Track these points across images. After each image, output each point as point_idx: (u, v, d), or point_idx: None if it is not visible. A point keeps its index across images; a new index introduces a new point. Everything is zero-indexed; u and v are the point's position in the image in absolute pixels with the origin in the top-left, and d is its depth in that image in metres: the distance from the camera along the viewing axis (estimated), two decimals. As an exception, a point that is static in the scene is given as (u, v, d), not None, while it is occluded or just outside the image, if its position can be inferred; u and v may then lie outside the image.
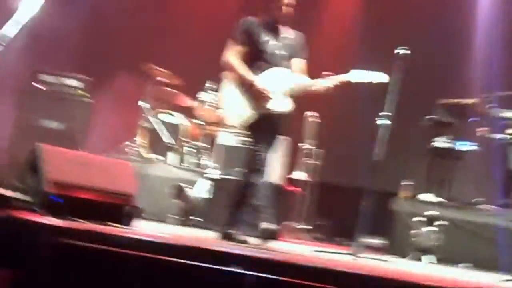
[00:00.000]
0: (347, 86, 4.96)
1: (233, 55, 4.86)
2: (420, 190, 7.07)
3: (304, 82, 4.91)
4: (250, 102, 4.81)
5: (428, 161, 7.39)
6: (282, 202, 6.69)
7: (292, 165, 7.04)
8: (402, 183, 6.89)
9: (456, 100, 7.13)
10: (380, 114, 5.35)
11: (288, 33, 4.95)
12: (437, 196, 7.04)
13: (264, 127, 4.83)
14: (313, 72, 5.04)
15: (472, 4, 8.99)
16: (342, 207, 6.65)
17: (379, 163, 5.27)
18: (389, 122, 5.32)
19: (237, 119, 4.86)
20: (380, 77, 4.79)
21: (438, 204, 6.73)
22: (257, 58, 4.84)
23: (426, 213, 6.30)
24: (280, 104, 4.87)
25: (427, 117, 7.27)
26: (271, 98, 4.79)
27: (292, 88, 4.86)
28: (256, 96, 4.78)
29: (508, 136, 6.95)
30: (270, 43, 4.86)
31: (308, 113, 6.94)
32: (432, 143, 7.20)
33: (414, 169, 7.72)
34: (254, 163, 4.86)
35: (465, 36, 8.69)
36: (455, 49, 6.92)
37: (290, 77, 4.91)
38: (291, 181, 7.06)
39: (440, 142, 7.15)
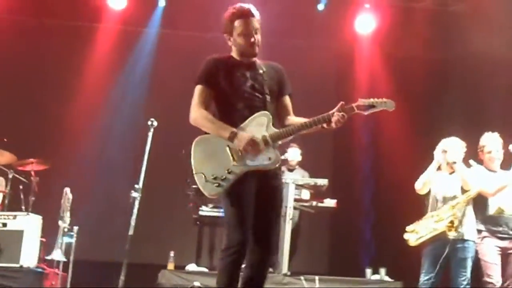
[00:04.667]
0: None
1: (200, 108, 3.81)
2: (189, 260, 7.04)
3: (295, 123, 3.87)
4: (228, 161, 3.73)
5: (198, 230, 7.44)
6: (40, 285, 6.29)
7: (48, 245, 6.63)
8: (170, 255, 6.79)
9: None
10: (135, 186, 5.34)
11: (264, 67, 3.91)
12: (206, 265, 7.03)
13: (252, 190, 3.73)
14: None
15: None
16: (104, 284, 6.38)
17: (135, 236, 5.19)
18: (139, 194, 5.28)
19: (211, 187, 3.70)
20: (389, 104, 3.80)
21: (206, 273, 6.69)
22: (230, 103, 3.81)
23: (195, 283, 6.24)
24: (267, 156, 3.77)
25: (193, 186, 7.31)
26: (259, 151, 3.73)
27: (279, 134, 3.79)
28: (236, 152, 3.72)
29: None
30: (245, 82, 3.82)
31: (67, 189, 6.62)
32: (199, 212, 7.23)
33: (184, 239, 7.70)
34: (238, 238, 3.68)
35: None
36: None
37: (275, 120, 3.86)
38: (49, 262, 6.62)
39: (206, 211, 7.20)
